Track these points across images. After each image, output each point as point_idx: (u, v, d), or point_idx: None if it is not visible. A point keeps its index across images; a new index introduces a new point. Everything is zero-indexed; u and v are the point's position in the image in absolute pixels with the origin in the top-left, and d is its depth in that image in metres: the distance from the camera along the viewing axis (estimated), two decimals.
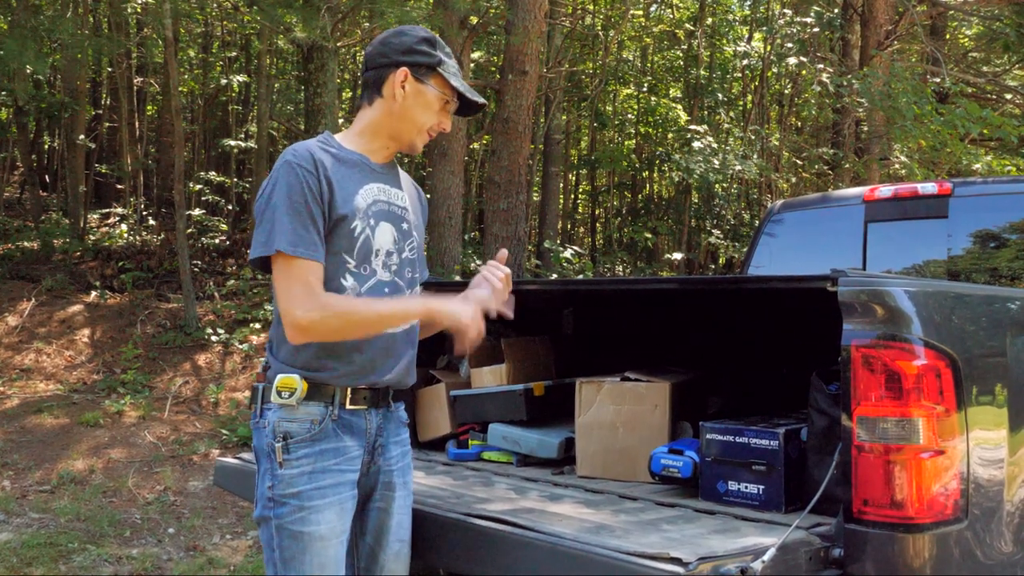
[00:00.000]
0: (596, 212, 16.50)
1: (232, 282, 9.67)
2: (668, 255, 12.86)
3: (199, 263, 10.15)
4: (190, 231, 10.44)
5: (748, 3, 14.13)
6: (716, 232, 11.98)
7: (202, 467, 5.92)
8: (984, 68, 13.46)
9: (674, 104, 13.99)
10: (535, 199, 12.70)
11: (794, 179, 12.20)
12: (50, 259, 10.08)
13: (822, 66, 10.94)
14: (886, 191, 4.34)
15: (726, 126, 12.61)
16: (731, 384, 3.22)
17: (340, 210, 2.07)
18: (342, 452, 2.10)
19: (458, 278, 7.92)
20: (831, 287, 2.14)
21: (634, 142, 14.73)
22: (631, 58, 15.26)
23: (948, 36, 13.89)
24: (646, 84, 14.57)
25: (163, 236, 10.90)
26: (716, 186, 11.89)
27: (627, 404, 2.89)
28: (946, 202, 4.10)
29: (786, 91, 14.11)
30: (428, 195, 7.72)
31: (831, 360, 2.21)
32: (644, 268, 13.06)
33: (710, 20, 14.05)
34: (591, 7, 14.16)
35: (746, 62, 13.13)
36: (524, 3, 8.27)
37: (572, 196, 16.78)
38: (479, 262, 9.52)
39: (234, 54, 14.54)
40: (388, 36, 2.20)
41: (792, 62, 11.15)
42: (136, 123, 12.64)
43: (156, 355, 7.93)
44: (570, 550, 2.02)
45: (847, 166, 10.22)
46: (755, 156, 11.02)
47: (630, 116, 15.28)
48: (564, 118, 14.10)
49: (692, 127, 11.30)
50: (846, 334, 2.11)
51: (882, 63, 9.58)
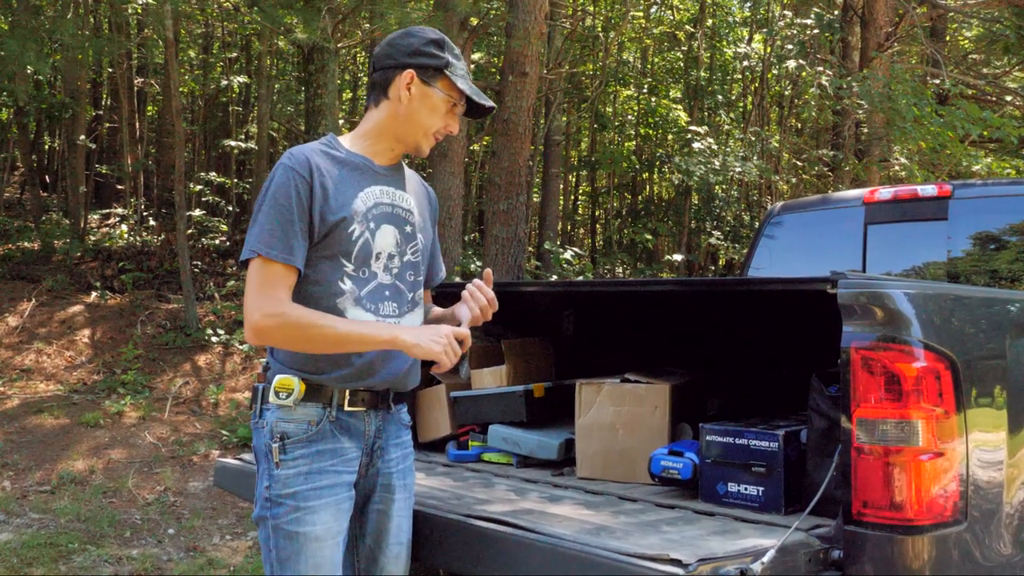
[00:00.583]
0: (596, 213, 16.50)
1: (232, 283, 9.68)
2: (668, 256, 12.87)
3: (199, 264, 10.16)
4: (190, 232, 10.46)
5: (748, 5, 14.13)
6: (716, 234, 11.99)
7: (202, 468, 5.92)
8: (984, 70, 13.45)
9: (674, 105, 13.98)
10: (535, 200, 12.68)
11: (794, 181, 12.20)
12: (50, 259, 10.09)
13: (822, 68, 10.95)
14: (886, 193, 4.35)
15: (726, 128, 12.62)
16: (731, 386, 3.22)
17: (336, 214, 2.06)
18: (339, 453, 2.10)
19: (458, 279, 7.92)
20: (831, 289, 2.14)
21: (634, 143, 14.72)
22: (631, 59, 15.25)
23: (948, 38, 13.89)
24: (646, 85, 14.57)
25: (163, 237, 10.91)
26: (716, 187, 11.92)
27: (627, 405, 2.89)
28: (946, 204, 4.10)
29: (786, 93, 14.11)
30: None
31: (831, 362, 2.21)
32: (644, 269, 13.06)
33: (710, 22, 14.07)
34: (591, 8, 14.17)
35: (746, 64, 13.14)
36: (524, 5, 8.27)
37: (572, 197, 16.78)
38: (479, 263, 9.53)
39: (234, 55, 14.54)
40: (396, 37, 2.18)
41: (792, 64, 11.15)
42: (136, 124, 12.63)
43: (156, 356, 7.94)
44: (570, 551, 2.03)
45: (847, 168, 10.21)
46: (755, 158, 11.04)
47: (630, 117, 15.29)
48: (564, 119, 14.09)
49: (692, 128, 11.31)
50: (846, 336, 2.11)
51: (882, 65, 9.57)
